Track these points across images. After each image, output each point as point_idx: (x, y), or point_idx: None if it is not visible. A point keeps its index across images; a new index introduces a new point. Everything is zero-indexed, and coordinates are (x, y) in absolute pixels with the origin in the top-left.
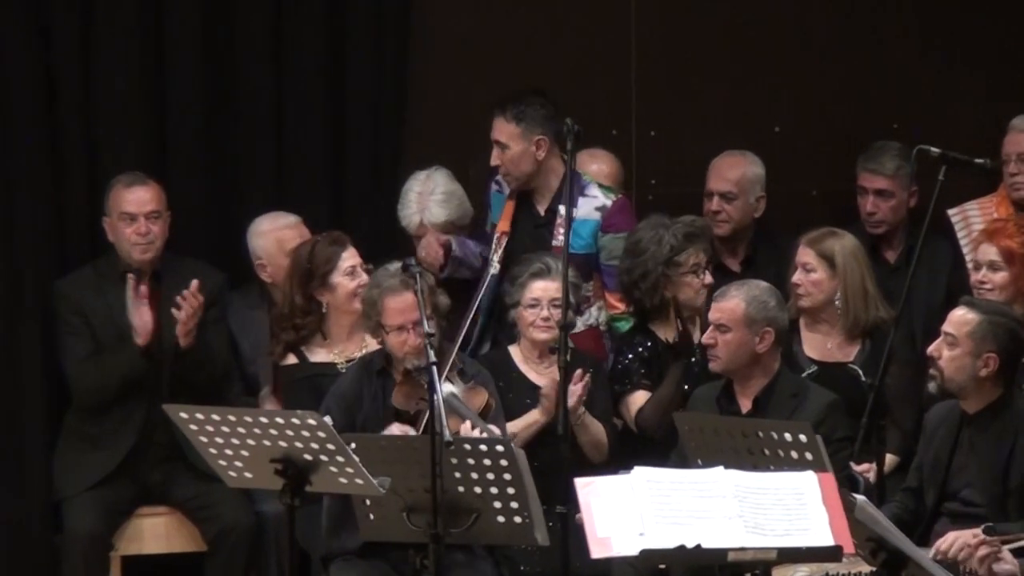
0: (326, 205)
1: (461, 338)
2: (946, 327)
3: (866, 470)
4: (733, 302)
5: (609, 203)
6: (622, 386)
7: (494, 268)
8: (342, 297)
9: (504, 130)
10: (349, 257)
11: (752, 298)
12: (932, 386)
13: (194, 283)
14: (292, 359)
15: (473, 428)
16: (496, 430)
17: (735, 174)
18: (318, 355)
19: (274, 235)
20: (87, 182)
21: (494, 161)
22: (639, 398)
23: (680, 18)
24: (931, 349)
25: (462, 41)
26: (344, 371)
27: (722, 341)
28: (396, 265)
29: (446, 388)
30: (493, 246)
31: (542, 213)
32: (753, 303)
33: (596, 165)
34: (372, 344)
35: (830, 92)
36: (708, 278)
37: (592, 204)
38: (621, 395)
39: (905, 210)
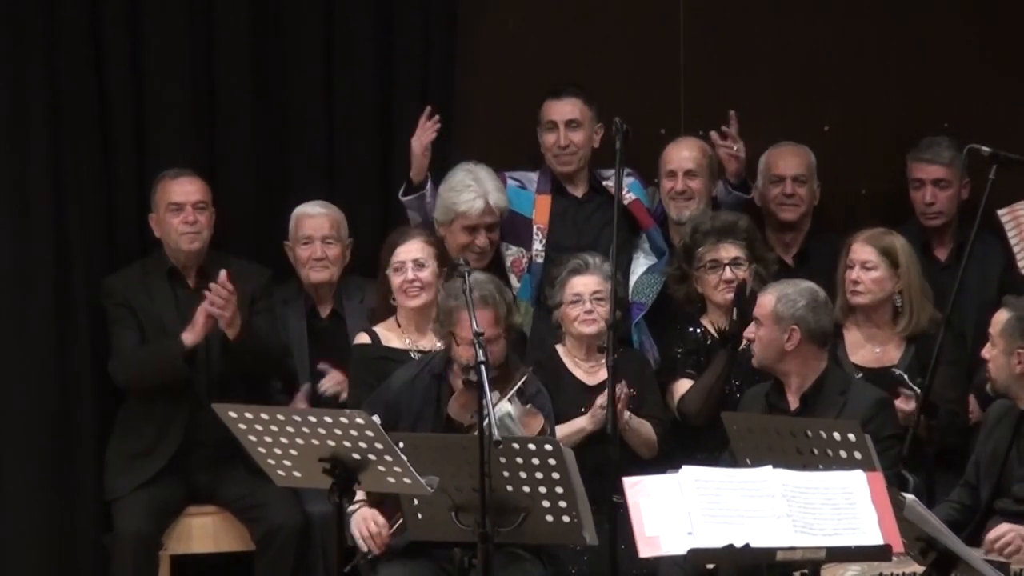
0: (373, 204)
1: (518, 385)
2: (990, 328)
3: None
4: (766, 297)
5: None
6: (669, 375)
7: (540, 257)
8: (394, 291)
9: (579, 109)
10: (402, 252)
11: (783, 295)
12: (988, 387)
13: (223, 273)
14: (365, 338)
15: None
16: None
17: (803, 159)
18: (392, 340)
19: (296, 220)
20: (136, 182)
21: (563, 142)
22: (683, 386)
23: (729, 16)
24: (983, 351)
25: (510, 39)
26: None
27: (756, 336)
28: (481, 276)
29: (503, 408)
30: (534, 236)
31: (580, 196)
32: (783, 300)
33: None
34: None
35: (880, 91)
36: (728, 273)
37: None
38: (667, 384)
39: (958, 203)
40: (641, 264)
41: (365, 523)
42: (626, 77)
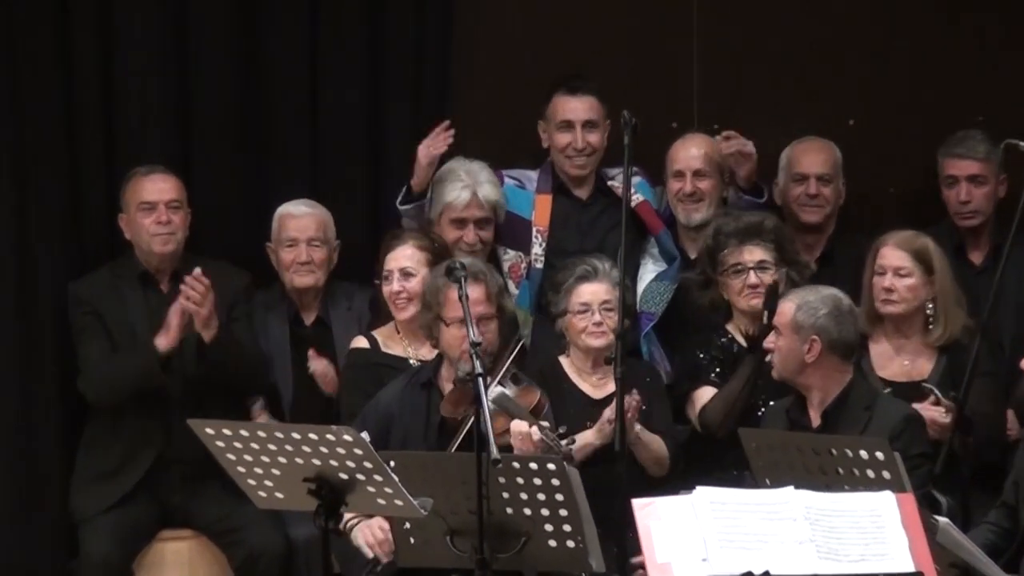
0: (362, 203)
1: (517, 348)
2: None
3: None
4: (787, 305)
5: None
6: (691, 383)
7: (539, 263)
8: (386, 302)
9: (596, 108)
10: (390, 260)
11: (804, 303)
12: None
13: (197, 269)
14: (363, 342)
15: (529, 425)
16: (547, 424)
17: (828, 156)
18: (392, 347)
19: (279, 220)
20: (105, 179)
21: (580, 144)
22: (705, 394)
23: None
24: (1022, 362)
25: (508, 28)
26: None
27: (776, 346)
28: (470, 259)
29: (497, 389)
30: (533, 240)
31: (584, 198)
32: (803, 308)
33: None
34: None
35: (909, 83)
36: (752, 278)
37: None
38: (689, 392)
39: (995, 202)
40: (649, 270)
41: (370, 530)
42: (634, 66)
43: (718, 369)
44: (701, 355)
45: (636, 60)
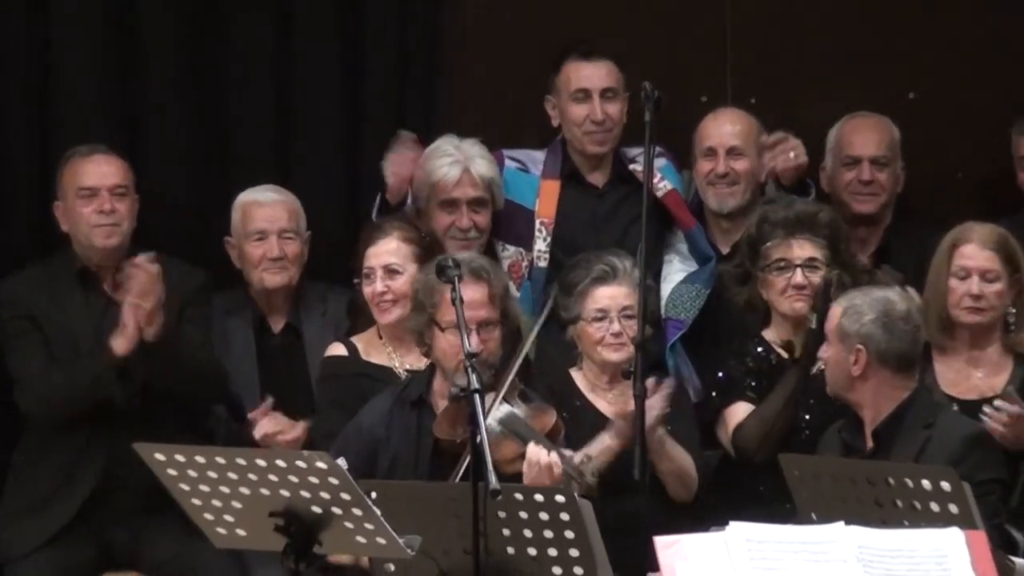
0: (336, 192)
1: (522, 355)
2: None
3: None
4: (836, 309)
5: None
6: (723, 399)
7: (543, 260)
8: (368, 302)
9: (613, 73)
10: (372, 256)
11: (850, 307)
12: None
13: (142, 255)
14: (340, 349)
15: (545, 451)
16: (570, 453)
17: (883, 136)
18: (373, 355)
19: (242, 210)
20: (37, 165)
21: (598, 115)
22: (739, 411)
23: None
24: None
25: None
26: (405, 377)
27: (826, 357)
28: (470, 253)
29: (504, 409)
30: (536, 234)
31: (600, 185)
32: (849, 312)
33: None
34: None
35: (979, 50)
36: (799, 277)
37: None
38: (720, 410)
39: None
40: (676, 270)
41: None
42: (657, 32)
43: (754, 383)
44: (735, 366)
45: (658, 23)
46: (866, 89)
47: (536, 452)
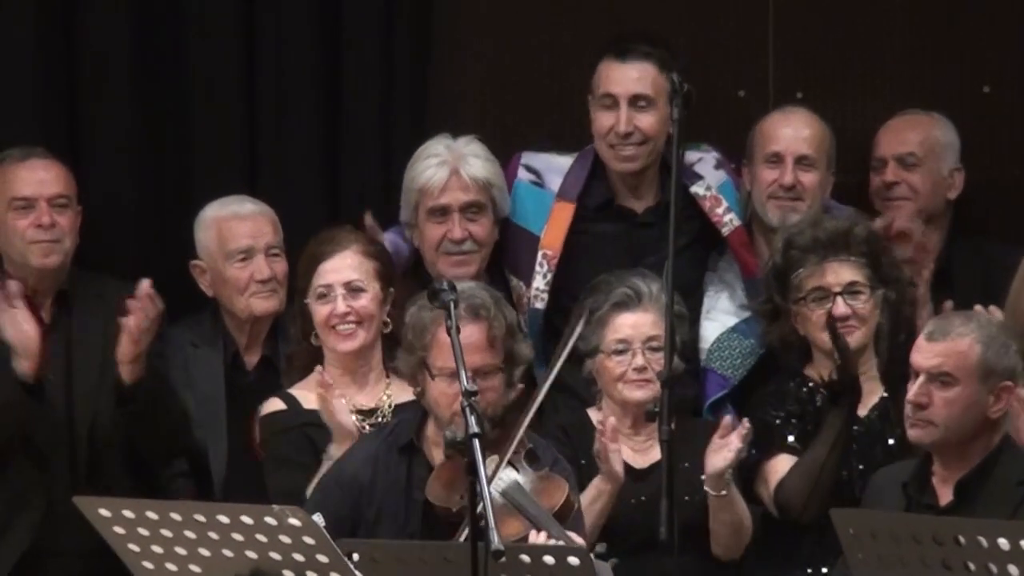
0: (314, 205)
1: (534, 409)
2: None
3: None
4: (964, 343)
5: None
6: (762, 451)
7: (540, 301)
8: (318, 327)
9: (651, 78)
10: (328, 271)
11: (990, 339)
12: None
13: (146, 282)
14: (277, 404)
15: (547, 537)
16: (580, 540)
17: (917, 134)
18: (317, 402)
19: (217, 227)
20: None
21: (623, 127)
22: (781, 465)
23: None
24: None
25: None
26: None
27: (942, 400)
28: (471, 284)
29: (508, 476)
30: (536, 268)
31: (639, 212)
32: (992, 346)
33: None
34: (400, 394)
35: None
36: (841, 307)
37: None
38: (759, 463)
39: None
40: (723, 309)
41: None
42: (689, 20)
43: (797, 431)
44: (774, 413)
45: (692, 11)
46: (929, 83)
47: (536, 539)
